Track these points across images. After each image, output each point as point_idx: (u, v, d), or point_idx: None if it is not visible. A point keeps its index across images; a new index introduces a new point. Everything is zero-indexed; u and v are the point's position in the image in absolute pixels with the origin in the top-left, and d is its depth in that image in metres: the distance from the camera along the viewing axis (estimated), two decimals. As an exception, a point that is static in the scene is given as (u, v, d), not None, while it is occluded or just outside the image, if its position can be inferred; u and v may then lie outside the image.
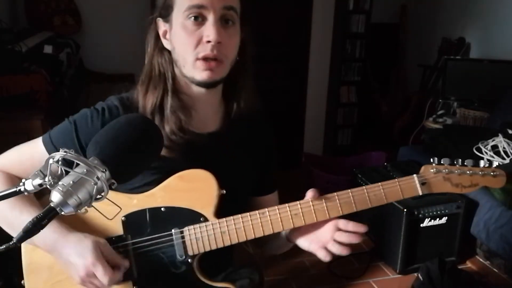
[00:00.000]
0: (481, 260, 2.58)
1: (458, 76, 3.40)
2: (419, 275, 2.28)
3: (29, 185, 0.65)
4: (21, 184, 0.66)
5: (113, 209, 0.84)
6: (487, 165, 0.96)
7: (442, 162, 0.95)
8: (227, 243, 0.94)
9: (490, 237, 2.31)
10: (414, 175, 0.95)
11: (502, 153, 2.56)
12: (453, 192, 0.95)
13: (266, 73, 3.70)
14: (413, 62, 4.17)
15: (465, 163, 0.95)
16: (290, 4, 3.70)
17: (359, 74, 4.08)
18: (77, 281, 0.90)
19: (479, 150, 2.63)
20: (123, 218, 0.95)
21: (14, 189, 0.65)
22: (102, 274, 0.87)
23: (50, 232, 0.91)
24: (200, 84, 0.95)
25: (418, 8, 4.20)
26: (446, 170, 0.94)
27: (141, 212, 0.95)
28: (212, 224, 0.94)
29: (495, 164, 0.97)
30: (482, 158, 2.61)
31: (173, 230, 0.95)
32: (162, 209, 0.95)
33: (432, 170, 0.95)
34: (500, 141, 2.59)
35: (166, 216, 0.95)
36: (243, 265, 1.18)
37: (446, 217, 2.43)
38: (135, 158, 0.73)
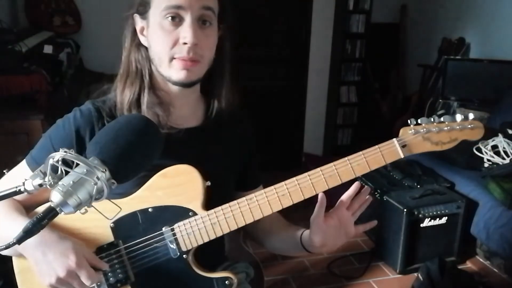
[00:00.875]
0: (481, 260, 2.58)
1: (458, 76, 3.40)
2: (419, 275, 2.28)
3: (29, 185, 0.65)
4: (21, 184, 0.65)
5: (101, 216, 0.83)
6: (463, 118, 0.95)
7: (419, 122, 0.95)
8: (219, 234, 0.94)
9: (490, 237, 2.31)
10: (394, 139, 0.95)
11: (502, 153, 2.57)
12: (434, 150, 0.95)
13: (266, 73, 3.71)
14: (413, 62, 4.17)
15: (442, 120, 0.95)
16: (290, 4, 3.70)
17: (359, 74, 4.08)
18: (51, 281, 0.87)
19: (479, 150, 2.63)
20: (111, 224, 0.94)
21: (14, 189, 0.65)
22: (86, 276, 0.86)
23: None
24: (176, 83, 0.95)
25: (418, 8, 4.20)
26: (424, 130, 0.94)
27: (129, 216, 0.94)
28: (201, 217, 0.94)
29: (471, 116, 0.95)
30: (483, 158, 2.62)
31: (163, 229, 0.94)
32: (150, 209, 0.94)
33: (410, 132, 0.94)
34: (500, 141, 2.60)
35: (155, 216, 0.95)
36: (239, 260, 1.18)
37: (446, 217, 2.43)
38: (135, 158, 0.73)
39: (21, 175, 0.93)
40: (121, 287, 0.95)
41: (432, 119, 0.94)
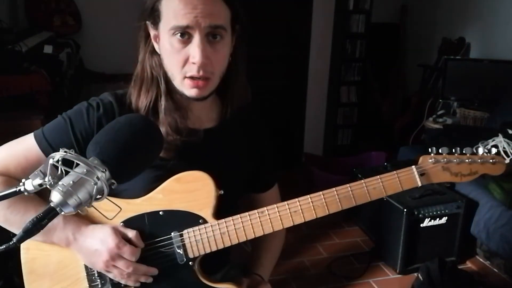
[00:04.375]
0: (481, 260, 2.58)
1: (458, 76, 3.40)
2: (419, 275, 2.28)
3: (29, 185, 0.65)
4: (21, 184, 0.65)
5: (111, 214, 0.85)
6: (486, 152, 0.95)
7: (440, 152, 0.94)
8: (228, 244, 0.94)
9: (490, 237, 2.31)
10: (413, 166, 0.94)
11: (502, 153, 2.56)
12: (453, 181, 0.95)
13: (266, 73, 3.71)
14: (413, 62, 4.17)
15: (464, 151, 0.94)
16: (290, 4, 3.70)
17: (359, 74, 4.09)
18: (100, 267, 0.91)
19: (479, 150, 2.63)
20: (121, 223, 0.94)
21: (14, 189, 0.65)
22: (129, 254, 0.89)
23: (68, 228, 0.93)
24: (189, 99, 0.94)
25: (418, 8, 4.20)
26: (445, 160, 0.93)
27: (139, 217, 0.94)
28: (211, 225, 0.93)
29: (493, 151, 0.95)
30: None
31: (172, 234, 0.94)
32: (160, 213, 0.94)
33: (430, 160, 0.93)
34: (500, 141, 2.59)
35: (165, 219, 0.94)
36: (240, 262, 1.18)
37: (446, 217, 2.43)
38: (135, 158, 0.73)
39: (27, 153, 0.93)
40: (125, 287, 0.95)
41: (453, 150, 0.95)
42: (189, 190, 0.94)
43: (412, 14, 4.24)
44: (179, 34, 0.88)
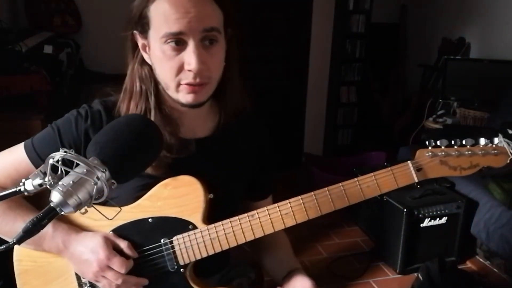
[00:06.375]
0: (481, 260, 2.58)
1: (458, 76, 3.40)
2: (419, 275, 2.28)
3: (29, 185, 0.65)
4: (21, 184, 0.65)
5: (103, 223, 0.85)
6: (488, 143, 0.89)
7: (439, 144, 0.89)
8: (218, 250, 0.91)
9: (490, 237, 2.31)
10: (409, 161, 0.89)
11: (502, 153, 2.56)
12: (452, 175, 0.89)
13: (266, 73, 3.71)
14: (413, 62, 4.17)
15: (464, 143, 0.89)
16: (290, 4, 3.70)
17: (359, 74, 4.09)
18: (90, 277, 0.91)
19: (479, 150, 2.63)
20: (110, 232, 0.93)
21: (14, 189, 0.65)
22: (118, 266, 0.88)
23: (57, 235, 0.92)
24: (185, 106, 0.90)
25: (418, 8, 4.20)
26: (443, 153, 0.88)
27: (128, 225, 0.93)
28: (201, 231, 0.91)
29: (496, 140, 0.89)
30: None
31: (162, 241, 0.93)
32: (149, 220, 0.93)
33: (427, 154, 0.88)
34: (500, 141, 2.59)
35: (154, 226, 0.92)
36: (239, 262, 1.17)
37: (446, 217, 2.43)
38: (135, 158, 0.73)
39: (16, 163, 0.93)
40: None
41: (452, 142, 0.89)
42: (178, 195, 0.92)
43: (412, 14, 4.24)
44: (173, 42, 0.84)
